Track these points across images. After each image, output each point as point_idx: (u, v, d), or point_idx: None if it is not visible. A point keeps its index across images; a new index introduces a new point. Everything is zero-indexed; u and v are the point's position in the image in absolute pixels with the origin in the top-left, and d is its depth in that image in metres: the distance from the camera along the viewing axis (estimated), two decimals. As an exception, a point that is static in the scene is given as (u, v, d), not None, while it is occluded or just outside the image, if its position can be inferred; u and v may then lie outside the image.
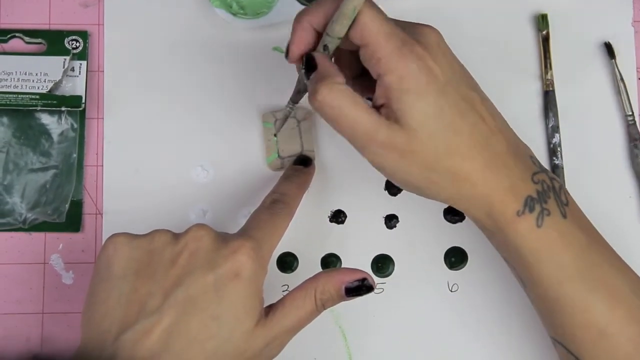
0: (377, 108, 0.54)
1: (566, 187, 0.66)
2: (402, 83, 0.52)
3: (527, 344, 0.65)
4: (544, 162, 0.67)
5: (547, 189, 0.55)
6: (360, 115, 0.53)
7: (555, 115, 0.67)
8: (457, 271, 0.67)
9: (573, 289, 0.54)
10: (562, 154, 0.67)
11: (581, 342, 0.54)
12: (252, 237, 0.54)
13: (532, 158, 0.57)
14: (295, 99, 0.61)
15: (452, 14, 0.69)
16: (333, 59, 0.57)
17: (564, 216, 0.55)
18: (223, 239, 0.54)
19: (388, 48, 0.52)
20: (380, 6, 0.54)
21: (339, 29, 0.53)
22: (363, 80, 0.57)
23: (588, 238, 0.55)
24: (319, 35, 0.55)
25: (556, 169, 0.67)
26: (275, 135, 0.66)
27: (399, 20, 0.55)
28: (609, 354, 0.53)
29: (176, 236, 0.54)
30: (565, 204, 0.55)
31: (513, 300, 0.64)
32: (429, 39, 0.54)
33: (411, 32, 0.54)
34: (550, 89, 0.68)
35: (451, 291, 0.67)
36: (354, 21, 0.53)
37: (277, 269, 0.67)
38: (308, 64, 0.54)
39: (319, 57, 0.54)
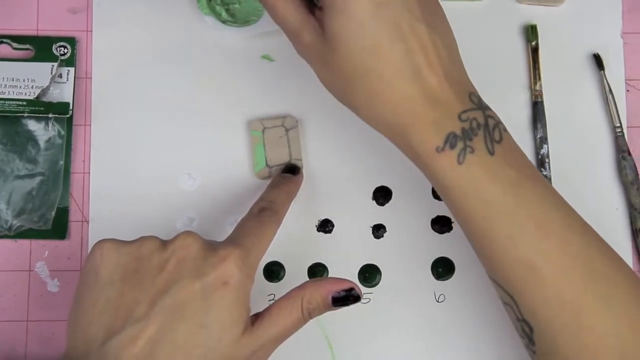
0: (320, 9, 0.55)
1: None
2: (333, 1, 0.53)
3: (514, 355, 0.65)
4: (532, 173, 0.67)
5: (476, 126, 0.54)
6: (289, 13, 0.55)
7: (544, 126, 0.68)
8: (444, 282, 0.67)
9: (500, 225, 0.53)
10: (550, 165, 0.67)
11: (512, 278, 0.53)
12: (240, 245, 0.54)
13: (472, 95, 0.55)
14: None
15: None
16: None
17: (491, 153, 0.53)
18: (211, 246, 0.54)
19: None
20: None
21: None
22: None
23: (519, 174, 0.54)
24: None
25: (544, 180, 0.67)
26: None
27: None
28: (538, 287, 0.52)
29: (164, 243, 0.54)
30: (497, 141, 0.54)
31: (500, 311, 0.64)
32: None
33: None
34: (539, 99, 0.68)
35: (438, 302, 0.67)
36: None
37: (263, 278, 0.67)
38: None
39: None
